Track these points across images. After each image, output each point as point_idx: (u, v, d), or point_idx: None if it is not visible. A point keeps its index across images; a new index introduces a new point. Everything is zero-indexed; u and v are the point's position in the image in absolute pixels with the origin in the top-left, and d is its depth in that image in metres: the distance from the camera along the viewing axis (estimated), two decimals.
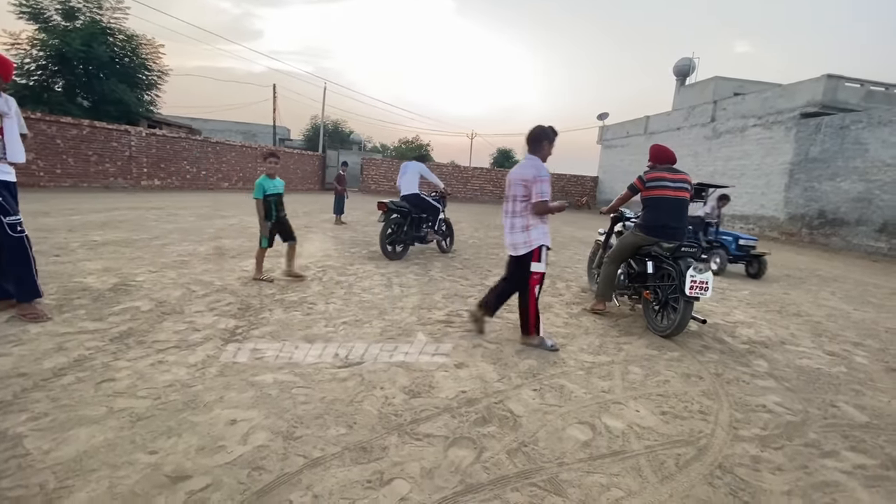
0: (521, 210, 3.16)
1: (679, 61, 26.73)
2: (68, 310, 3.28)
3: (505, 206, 3.33)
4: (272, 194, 4.52)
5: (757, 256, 7.25)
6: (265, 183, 4.49)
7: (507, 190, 3.31)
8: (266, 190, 4.48)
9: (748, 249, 7.32)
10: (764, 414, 2.51)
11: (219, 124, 36.75)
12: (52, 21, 16.01)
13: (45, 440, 1.78)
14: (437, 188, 6.94)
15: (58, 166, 13.22)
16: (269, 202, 4.50)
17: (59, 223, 7.04)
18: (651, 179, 3.92)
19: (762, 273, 7.18)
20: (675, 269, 3.62)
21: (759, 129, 16.69)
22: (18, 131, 3.10)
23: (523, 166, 3.20)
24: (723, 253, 7.29)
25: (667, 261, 3.75)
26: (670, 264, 3.70)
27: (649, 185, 3.92)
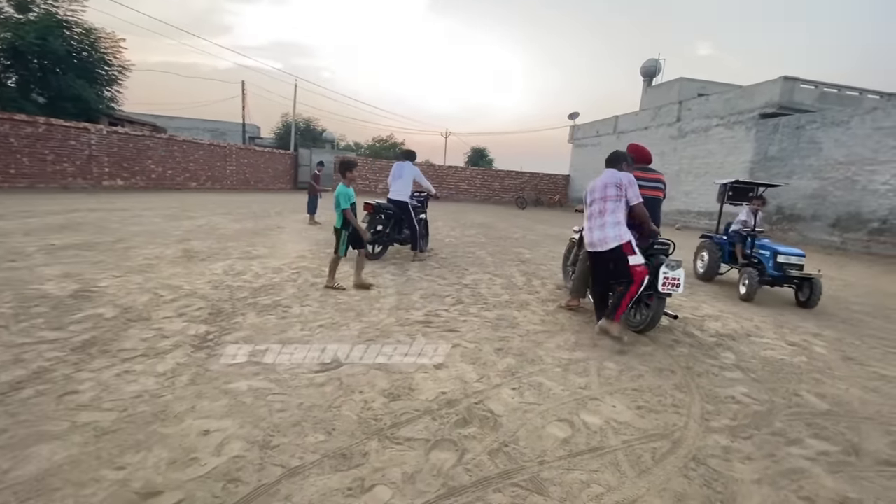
0: (614, 209, 3.51)
1: (646, 62, 27.48)
2: (25, 319, 3.10)
3: (590, 210, 3.66)
4: (353, 203, 4.55)
5: (806, 278, 5.39)
6: (348, 191, 4.50)
7: (591, 195, 3.68)
8: (350, 198, 4.49)
9: (791, 268, 5.48)
10: (733, 405, 2.60)
11: (185, 122, 35.52)
12: (4, 13, 15.10)
13: (3, 459, 1.67)
14: (428, 192, 6.92)
15: (11, 166, 12.48)
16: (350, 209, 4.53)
17: (13, 226, 6.65)
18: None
19: (815, 300, 5.26)
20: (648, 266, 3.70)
21: (722, 128, 17.33)
22: None
23: (612, 174, 3.59)
24: (753, 273, 5.43)
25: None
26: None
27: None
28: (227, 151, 20.75)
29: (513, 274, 5.98)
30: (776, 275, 5.52)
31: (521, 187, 27.49)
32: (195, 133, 29.30)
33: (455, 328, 3.59)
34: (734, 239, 6.19)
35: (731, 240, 6.27)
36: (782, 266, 5.51)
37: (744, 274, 5.54)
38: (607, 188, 3.55)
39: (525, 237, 10.54)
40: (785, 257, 5.53)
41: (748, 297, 5.39)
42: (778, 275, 5.51)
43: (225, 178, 20.51)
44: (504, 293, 4.89)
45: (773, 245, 5.76)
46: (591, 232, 3.61)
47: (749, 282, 5.39)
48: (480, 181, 27.86)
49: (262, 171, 23.02)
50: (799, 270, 5.53)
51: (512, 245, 8.89)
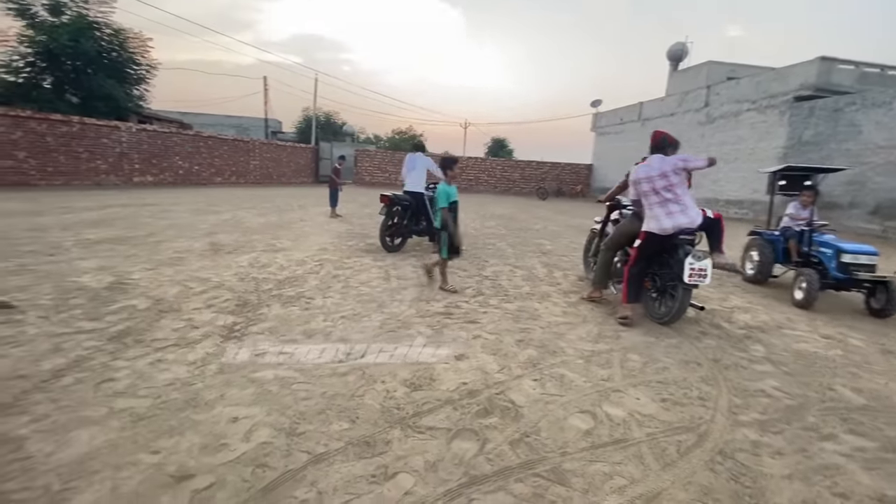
0: (684, 190, 3.63)
1: (672, 46, 26.60)
2: (64, 310, 3.25)
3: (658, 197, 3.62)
4: (454, 202, 4.35)
5: (881, 282, 4.54)
6: (449, 190, 4.32)
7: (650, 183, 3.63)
8: (450, 197, 4.29)
9: (860, 269, 4.58)
10: (763, 399, 2.53)
11: (210, 118, 36.28)
12: (39, 17, 15.68)
13: (47, 442, 1.77)
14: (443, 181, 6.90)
15: (49, 164, 13.03)
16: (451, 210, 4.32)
17: (52, 222, 6.97)
18: None
19: (893, 308, 4.40)
20: (673, 256, 3.64)
21: (753, 113, 16.67)
22: None
23: (664, 159, 3.64)
24: (812, 275, 4.57)
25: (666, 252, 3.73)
26: (668, 252, 3.71)
27: None
28: (251, 147, 21.15)
29: (534, 265, 5.93)
30: (841, 277, 4.60)
31: (541, 178, 27.13)
32: (219, 129, 29.95)
33: (475, 319, 3.59)
34: (788, 234, 5.29)
35: (785, 235, 5.36)
36: (848, 267, 4.57)
37: (801, 276, 4.69)
38: (670, 174, 3.56)
39: (546, 228, 10.43)
40: (852, 256, 4.59)
41: (806, 302, 4.52)
42: (843, 277, 4.58)
43: (249, 173, 20.93)
44: (525, 284, 4.86)
45: (837, 242, 4.80)
46: (673, 217, 3.56)
47: (807, 285, 4.53)
48: (500, 172, 27.62)
49: (285, 166, 23.39)
50: (870, 272, 4.59)
51: (533, 236, 8.81)
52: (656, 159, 3.68)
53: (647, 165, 3.69)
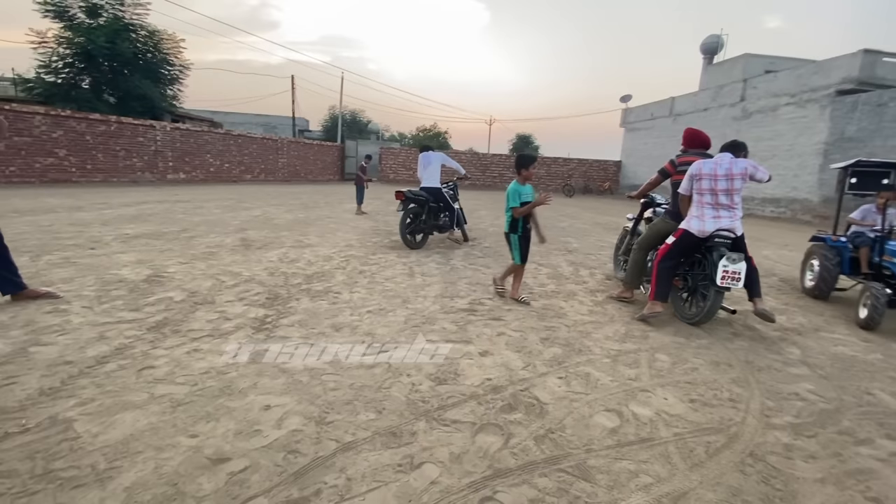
0: (741, 199, 3.56)
1: (706, 39, 25.75)
2: (107, 300, 3.42)
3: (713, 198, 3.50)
4: (525, 203, 3.94)
5: None
6: (520, 189, 3.92)
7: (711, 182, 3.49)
8: (521, 197, 3.92)
9: None
10: (797, 402, 2.45)
11: (239, 117, 37.29)
12: (77, 19, 16.40)
13: (93, 424, 1.88)
14: (458, 174, 7.06)
15: (88, 162, 13.67)
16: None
17: (93, 217, 7.32)
18: (683, 163, 3.87)
19: None
20: (707, 257, 3.54)
21: (792, 107, 16.01)
22: None
23: (736, 161, 3.50)
24: (879, 291, 3.82)
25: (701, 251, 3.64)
26: (702, 253, 3.61)
27: (680, 170, 3.87)
28: (279, 145, 21.63)
29: (559, 263, 5.88)
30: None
31: (568, 175, 26.81)
32: (248, 128, 30.73)
33: (500, 317, 3.60)
34: (859, 242, 4.58)
35: (854, 242, 4.67)
36: None
37: (867, 291, 3.96)
38: (736, 178, 3.46)
39: (572, 226, 10.30)
40: None
41: (870, 322, 3.79)
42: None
43: (277, 171, 21.42)
44: (550, 283, 4.82)
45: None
46: (719, 220, 3.47)
47: (873, 302, 3.78)
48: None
49: (311, 163, 23.83)
50: None
51: (558, 234, 8.72)
52: (726, 158, 3.52)
53: (713, 162, 3.54)
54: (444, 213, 6.57)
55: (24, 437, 1.77)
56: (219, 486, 1.55)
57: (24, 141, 12.11)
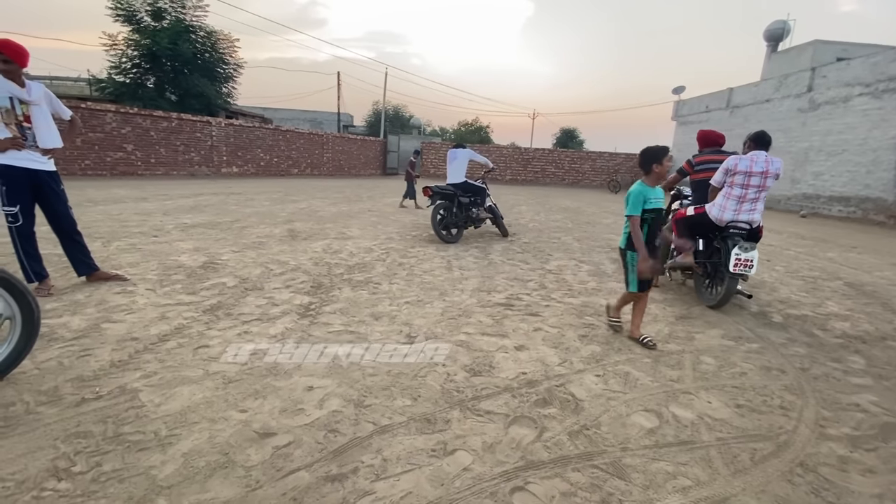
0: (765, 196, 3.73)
1: (771, 24, 23.97)
2: (167, 284, 3.69)
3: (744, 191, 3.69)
4: (652, 210, 2.94)
5: None
6: (646, 192, 2.91)
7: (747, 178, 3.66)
8: (646, 202, 2.92)
9: None
10: (857, 413, 2.29)
11: (287, 113, 38.69)
12: (144, 22, 17.56)
13: (156, 395, 2.05)
14: (486, 168, 7.15)
15: (152, 156, 14.66)
16: (643, 222, 2.95)
17: (155, 207, 7.87)
18: (699, 163, 4.24)
19: None
20: (722, 246, 3.77)
21: (867, 98, 14.68)
22: (52, 117, 3.23)
23: (772, 161, 3.67)
24: None
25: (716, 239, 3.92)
26: (719, 242, 3.85)
27: (697, 169, 4.25)
28: (324, 140, 22.28)
29: (601, 261, 5.74)
30: None
31: (614, 169, 25.95)
32: (296, 123, 31.83)
33: (537, 312, 3.57)
34: None
35: None
36: None
37: None
38: (770, 177, 3.65)
39: (617, 223, 9.99)
40: None
41: None
42: None
43: (322, 165, 22.09)
44: (591, 280, 4.73)
45: None
46: (739, 213, 3.71)
47: None
48: (569, 164, 26.78)
49: (355, 158, 24.39)
50: None
51: (601, 231, 8.50)
52: (762, 157, 3.67)
53: (748, 159, 3.65)
54: (476, 203, 6.60)
55: (97, 403, 1.96)
56: (265, 458, 1.66)
57: (97, 137, 13.16)
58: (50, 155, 3.25)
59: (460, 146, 6.82)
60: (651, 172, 2.95)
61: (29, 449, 1.65)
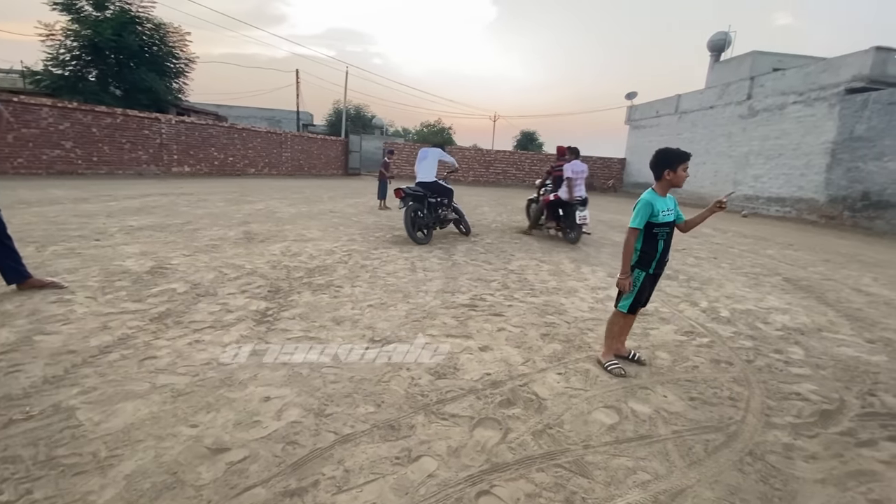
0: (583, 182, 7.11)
1: (714, 35, 25.42)
2: (110, 291, 3.45)
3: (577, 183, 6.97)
4: (663, 224, 2.54)
5: None
6: (654, 202, 2.51)
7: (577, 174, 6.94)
8: (655, 214, 2.51)
9: None
10: (798, 402, 2.44)
11: (243, 111, 37.28)
12: (84, 11, 16.41)
13: (95, 412, 1.90)
14: (451, 168, 7.27)
15: (94, 154, 13.72)
16: (655, 236, 2.55)
17: (98, 209, 7.35)
18: (555, 167, 7.53)
19: None
20: (570, 212, 6.97)
21: (800, 106, 15.83)
22: None
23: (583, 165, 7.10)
24: None
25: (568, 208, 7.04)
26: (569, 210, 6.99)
27: (555, 169, 7.53)
28: (283, 139, 21.63)
29: (561, 260, 5.87)
30: None
31: None
32: (253, 121, 30.74)
33: (500, 312, 3.60)
34: None
35: None
36: None
37: None
38: (585, 172, 7.02)
39: None
40: None
41: None
42: None
43: (280, 165, 21.43)
44: (551, 279, 4.82)
45: None
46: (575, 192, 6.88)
47: None
48: (529, 165, 27.30)
49: (315, 158, 23.82)
50: None
51: None
52: (579, 163, 6.98)
53: (574, 164, 6.89)
54: (443, 205, 6.64)
55: (27, 424, 1.79)
56: (217, 475, 1.57)
57: (31, 133, 12.16)
58: None
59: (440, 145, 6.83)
60: (662, 179, 2.55)
61: None
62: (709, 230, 10.32)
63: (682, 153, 2.53)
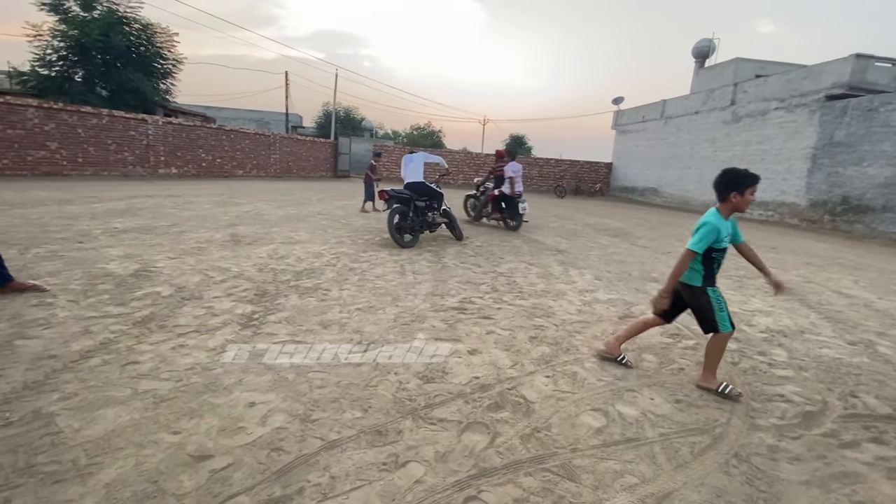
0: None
1: (698, 42, 25.89)
2: (93, 294, 3.38)
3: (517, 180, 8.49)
4: (721, 249, 2.52)
5: None
6: (720, 226, 2.42)
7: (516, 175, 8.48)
8: (720, 239, 2.44)
9: None
10: (781, 403, 2.48)
11: (232, 112, 36.94)
12: (72, 12, 16.16)
13: (75, 419, 1.85)
14: (441, 169, 7.48)
15: (79, 155, 13.46)
16: (712, 260, 2.54)
17: (82, 211, 7.21)
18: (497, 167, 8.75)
19: None
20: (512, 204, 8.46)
21: (782, 112, 16.17)
22: None
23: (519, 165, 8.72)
24: None
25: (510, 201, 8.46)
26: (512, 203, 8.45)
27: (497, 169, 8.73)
28: (272, 140, 21.46)
29: (549, 263, 5.90)
30: None
31: (560, 175, 26.86)
32: (241, 123, 30.47)
33: (489, 315, 3.60)
34: None
35: None
36: None
37: None
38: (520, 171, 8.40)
39: (563, 226, 10.33)
40: None
41: None
42: None
43: (269, 166, 21.26)
44: (540, 282, 4.84)
45: None
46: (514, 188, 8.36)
47: None
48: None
49: (304, 160, 23.67)
50: None
51: (549, 234, 8.74)
52: (516, 164, 8.54)
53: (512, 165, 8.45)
54: (433, 208, 6.61)
55: (7, 431, 1.75)
56: (200, 483, 1.54)
57: (16, 134, 11.90)
58: None
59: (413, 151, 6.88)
60: (727, 201, 2.41)
61: None
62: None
63: (751, 175, 2.39)
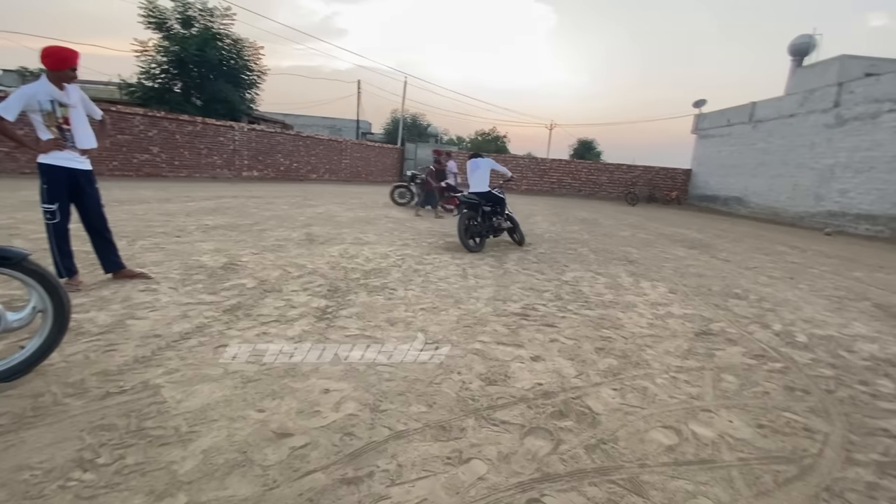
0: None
1: (796, 39, 23.72)
2: (189, 283, 3.77)
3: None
4: None
5: None
6: None
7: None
8: None
9: None
10: (885, 439, 2.21)
11: (308, 119, 39.29)
12: (173, 29, 18.14)
13: (177, 391, 2.09)
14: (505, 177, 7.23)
15: (176, 158, 15.05)
16: None
17: (178, 208, 8.06)
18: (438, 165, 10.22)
19: None
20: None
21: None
22: (88, 118, 3.38)
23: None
24: None
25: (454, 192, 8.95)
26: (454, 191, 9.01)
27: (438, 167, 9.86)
28: (343, 146, 22.59)
29: (618, 273, 5.68)
30: None
31: (632, 182, 25.71)
32: (315, 129, 32.33)
33: (553, 323, 3.54)
34: None
35: None
36: None
37: None
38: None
39: (635, 235, 9.88)
40: None
41: None
42: None
43: (340, 171, 22.39)
44: (608, 293, 4.67)
45: None
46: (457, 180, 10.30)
47: None
48: (586, 175, 26.63)
49: (372, 165, 24.66)
50: None
51: (619, 243, 8.41)
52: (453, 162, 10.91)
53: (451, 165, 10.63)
54: (497, 213, 6.66)
55: (121, 397, 2.01)
56: (282, 458, 1.68)
57: (125, 139, 13.58)
58: (87, 155, 3.38)
59: (478, 155, 6.91)
60: None
61: (56, 439, 1.70)
62: (784, 248, 9.55)
63: None
